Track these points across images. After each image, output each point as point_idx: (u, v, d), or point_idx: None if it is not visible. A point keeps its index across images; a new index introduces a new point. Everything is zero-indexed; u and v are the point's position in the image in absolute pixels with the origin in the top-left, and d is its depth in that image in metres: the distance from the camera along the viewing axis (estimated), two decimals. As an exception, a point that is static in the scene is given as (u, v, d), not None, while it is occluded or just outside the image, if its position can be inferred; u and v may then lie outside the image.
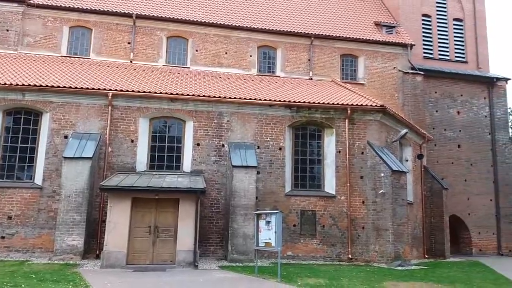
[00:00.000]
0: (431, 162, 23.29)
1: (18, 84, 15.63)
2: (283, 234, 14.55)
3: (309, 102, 17.41)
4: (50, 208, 15.34)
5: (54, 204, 15.24)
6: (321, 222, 16.90)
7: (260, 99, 17.24)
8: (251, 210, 15.30)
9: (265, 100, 17.24)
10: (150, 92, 16.48)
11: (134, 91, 16.36)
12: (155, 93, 16.50)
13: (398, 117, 19.28)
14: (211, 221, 16.35)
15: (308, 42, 22.97)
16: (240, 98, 17.09)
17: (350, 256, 16.63)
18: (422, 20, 26.07)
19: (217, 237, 16.29)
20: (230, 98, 17.00)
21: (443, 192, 21.38)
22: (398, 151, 19.50)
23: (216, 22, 22.06)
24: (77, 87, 15.98)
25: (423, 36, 25.83)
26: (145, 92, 16.44)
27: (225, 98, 16.94)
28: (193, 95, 16.74)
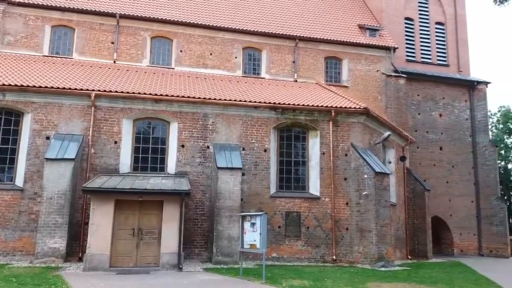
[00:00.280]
0: (414, 164, 23.60)
1: (-2, 83, 15.32)
2: (268, 235, 14.55)
3: (293, 104, 17.47)
4: (32, 210, 15.06)
5: (36, 206, 14.97)
6: (305, 223, 16.97)
7: (245, 101, 17.23)
8: (236, 212, 15.27)
9: (250, 101, 17.24)
10: (133, 92, 16.33)
11: (117, 92, 16.18)
12: (139, 93, 16.35)
13: (381, 119, 19.49)
14: (196, 223, 16.26)
15: (293, 44, 23.06)
16: (225, 100, 17.05)
17: (334, 257, 16.72)
18: (405, 23, 26.41)
19: (201, 239, 16.21)
20: (215, 99, 16.95)
21: (426, 193, 21.66)
22: (381, 153, 19.70)
23: (200, 23, 21.99)
24: (59, 87, 15.73)
25: (406, 39, 26.17)
26: (128, 92, 16.28)
27: (210, 99, 16.88)
28: (177, 96, 16.64)
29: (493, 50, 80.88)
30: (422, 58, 26.34)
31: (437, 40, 26.92)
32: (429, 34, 26.82)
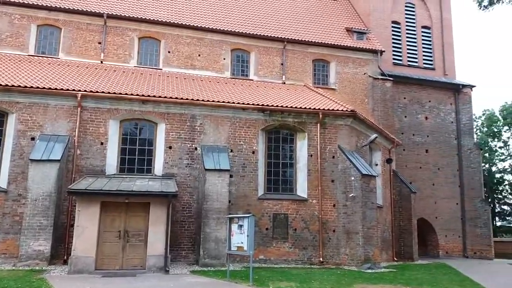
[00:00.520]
0: (400, 166, 23.80)
1: (-18, 83, 15.08)
2: (256, 237, 14.54)
3: (281, 106, 17.51)
4: (15, 212, 14.81)
5: (20, 208, 14.73)
6: (293, 225, 17.00)
7: (233, 102, 17.20)
8: (224, 214, 15.23)
9: (238, 103, 17.22)
10: (120, 93, 16.19)
11: (104, 92, 16.03)
12: (126, 94, 16.22)
13: (368, 122, 19.63)
14: (183, 225, 16.18)
15: (281, 47, 23.11)
16: (213, 101, 17.00)
17: (321, 259, 16.78)
18: (392, 27, 26.63)
19: (188, 241, 16.13)
20: (203, 100, 16.89)
21: (412, 195, 21.85)
22: (368, 156, 19.83)
23: (189, 24, 21.91)
24: (45, 88, 15.53)
25: (393, 42, 26.40)
26: (115, 93, 16.14)
27: (198, 100, 16.82)
28: (165, 97, 16.55)
29: (477, 54, 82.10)
30: (409, 61, 26.60)
31: (423, 43, 27.21)
32: (415, 38, 27.10)
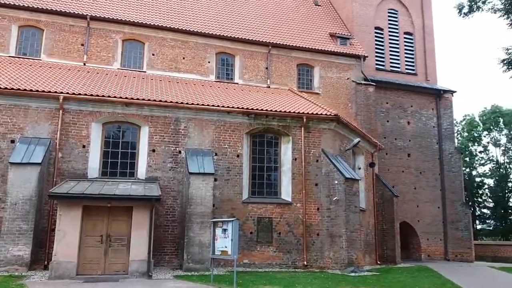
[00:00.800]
0: (383, 170, 24.04)
1: (-40, 84, 14.74)
2: (240, 241, 14.51)
3: (266, 110, 17.53)
4: (-6, 216, 14.50)
5: (-1, 212, 14.43)
6: (277, 229, 17.00)
7: (218, 106, 17.16)
8: (208, 218, 15.15)
9: (223, 106, 17.19)
10: (103, 95, 15.99)
11: (86, 95, 15.82)
12: (109, 97, 16.03)
13: (351, 126, 19.79)
14: (166, 229, 16.03)
15: (266, 51, 23.17)
16: (197, 104, 16.94)
17: (305, 263, 16.81)
18: (375, 32, 26.97)
19: (172, 246, 15.99)
20: (187, 103, 16.80)
21: (394, 199, 22.11)
22: (351, 159, 19.98)
23: (173, 27, 21.81)
24: (26, 89, 15.24)
25: (376, 48, 26.73)
26: (98, 95, 15.93)
27: (182, 103, 16.73)
28: (148, 100, 16.41)
29: (458, 60, 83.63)
30: (391, 66, 26.94)
31: (405, 49, 27.61)
32: (398, 44, 27.49)
